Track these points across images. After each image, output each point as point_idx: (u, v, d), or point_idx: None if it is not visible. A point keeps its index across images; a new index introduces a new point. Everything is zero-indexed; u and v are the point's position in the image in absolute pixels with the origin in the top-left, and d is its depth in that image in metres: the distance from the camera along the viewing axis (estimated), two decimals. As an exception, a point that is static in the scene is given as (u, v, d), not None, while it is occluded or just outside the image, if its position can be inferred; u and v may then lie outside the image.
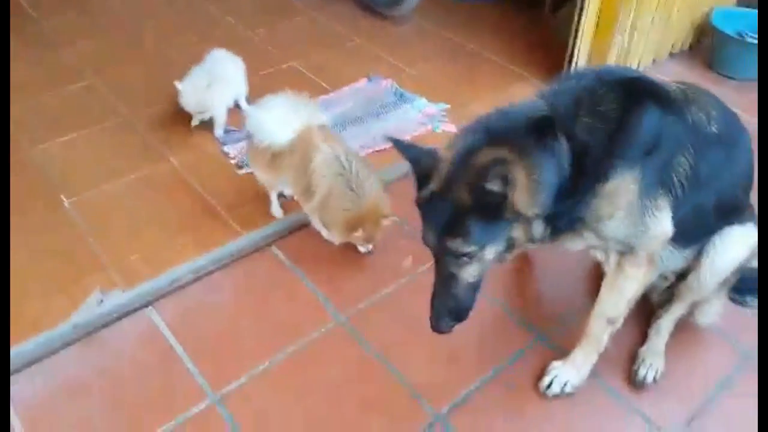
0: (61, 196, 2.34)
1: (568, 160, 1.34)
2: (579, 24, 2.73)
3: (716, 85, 2.96)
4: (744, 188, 1.63)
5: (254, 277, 2.06)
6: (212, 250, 2.10)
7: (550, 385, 1.70)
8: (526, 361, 1.80)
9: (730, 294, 1.80)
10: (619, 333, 1.68)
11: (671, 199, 1.44)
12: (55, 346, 1.81)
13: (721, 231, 1.62)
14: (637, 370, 1.74)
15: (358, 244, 2.06)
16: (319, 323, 1.90)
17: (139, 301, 1.94)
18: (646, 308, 1.84)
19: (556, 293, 2.05)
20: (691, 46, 3.26)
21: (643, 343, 1.80)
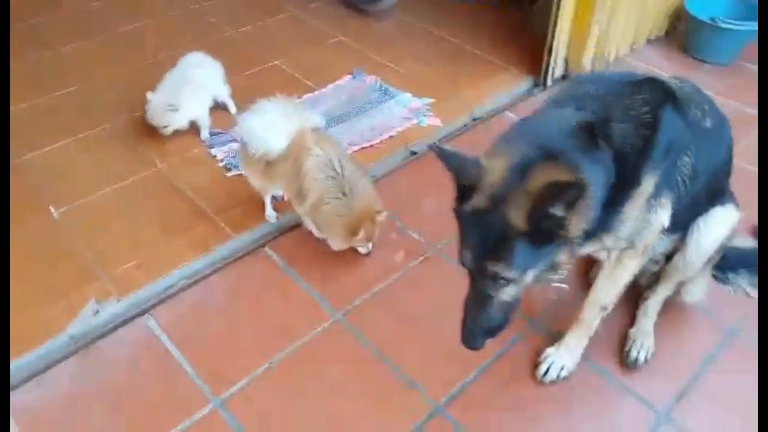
0: (50, 207, 2.33)
1: (612, 171, 1.31)
2: (557, 14, 2.76)
3: (691, 70, 3.03)
4: (726, 173, 1.69)
5: (249, 278, 2.08)
6: (205, 254, 2.11)
7: (547, 372, 1.74)
8: (521, 348, 1.84)
9: (712, 272, 1.86)
10: (608, 317, 1.73)
11: (674, 196, 1.46)
12: (53, 359, 1.81)
13: (706, 213, 1.67)
14: (629, 351, 1.80)
15: (358, 247, 2.07)
16: (316, 322, 1.92)
17: (134, 310, 1.94)
18: (633, 291, 1.88)
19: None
20: (667, 32, 3.32)
21: (631, 325, 1.86)
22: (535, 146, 1.27)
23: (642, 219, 1.43)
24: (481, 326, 1.40)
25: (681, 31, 3.27)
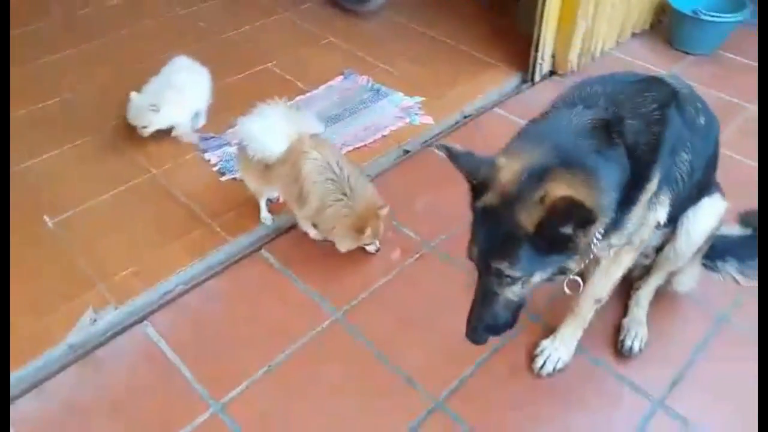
0: (45, 217, 2.32)
1: (627, 168, 1.31)
2: (543, 11, 2.79)
3: (676, 61, 3.07)
4: (714, 167, 1.72)
5: (246, 282, 2.09)
6: (202, 258, 2.12)
7: (543, 365, 1.77)
8: (518, 340, 1.86)
9: (702, 260, 1.90)
10: (601, 308, 1.75)
11: (673, 194, 1.48)
12: (52, 369, 1.81)
13: (694, 204, 1.70)
14: (623, 340, 1.83)
15: (366, 246, 2.07)
16: (314, 322, 1.93)
17: (132, 317, 1.95)
18: (625, 283, 1.90)
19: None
20: (651, 26, 3.35)
21: (624, 315, 1.89)
22: (552, 148, 1.27)
23: (643, 216, 1.45)
24: (485, 322, 1.40)
25: (665, 24, 3.31)
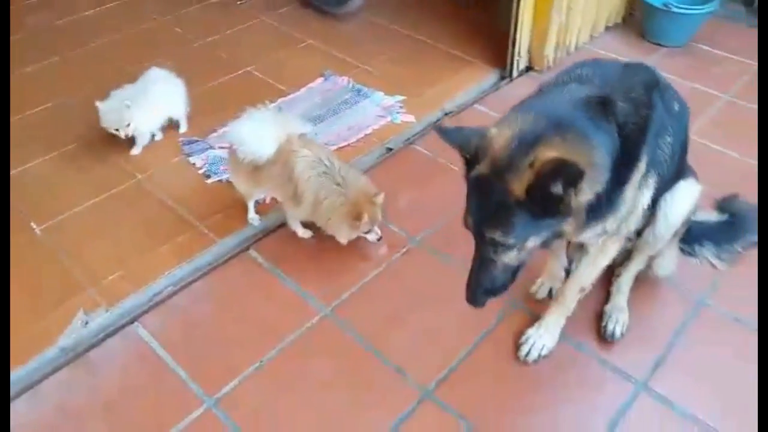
0: (32, 224, 2.33)
1: (618, 144, 1.34)
2: (518, 7, 2.84)
3: (650, 54, 3.15)
4: (686, 151, 1.77)
5: (235, 281, 2.11)
6: (190, 260, 2.14)
7: (528, 352, 1.81)
8: (503, 327, 1.91)
9: (679, 245, 1.96)
10: (584, 296, 1.80)
11: (658, 177, 1.53)
12: (45, 372, 1.82)
13: (671, 188, 1.75)
14: (606, 326, 1.88)
15: (367, 235, 2.08)
16: (304, 318, 1.96)
17: (123, 319, 1.96)
18: (606, 271, 1.94)
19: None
20: (624, 19, 3.43)
21: (606, 302, 1.94)
22: (544, 116, 1.29)
23: (634, 198, 1.48)
24: (483, 286, 1.43)
25: (637, 17, 3.38)
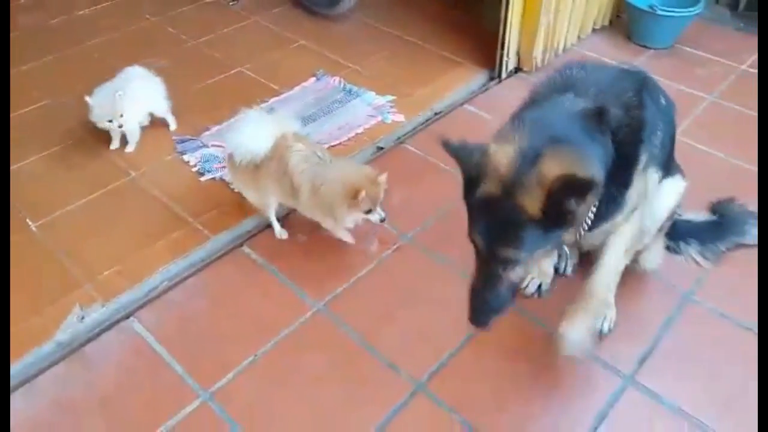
0: (28, 221, 2.34)
1: (611, 152, 1.39)
2: (507, 9, 2.89)
3: (636, 55, 3.21)
4: (673, 144, 1.83)
5: (229, 277, 2.14)
6: (185, 256, 2.17)
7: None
8: (493, 324, 1.94)
9: (666, 242, 2.01)
10: (569, 291, 1.84)
11: (657, 167, 1.61)
12: (41, 366, 1.84)
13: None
14: None
15: (370, 216, 2.03)
16: (298, 313, 1.99)
17: (119, 314, 1.99)
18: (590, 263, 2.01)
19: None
20: (611, 21, 3.49)
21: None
22: (544, 131, 1.32)
23: (641, 189, 1.56)
24: (490, 305, 1.45)
25: (624, 19, 3.45)
